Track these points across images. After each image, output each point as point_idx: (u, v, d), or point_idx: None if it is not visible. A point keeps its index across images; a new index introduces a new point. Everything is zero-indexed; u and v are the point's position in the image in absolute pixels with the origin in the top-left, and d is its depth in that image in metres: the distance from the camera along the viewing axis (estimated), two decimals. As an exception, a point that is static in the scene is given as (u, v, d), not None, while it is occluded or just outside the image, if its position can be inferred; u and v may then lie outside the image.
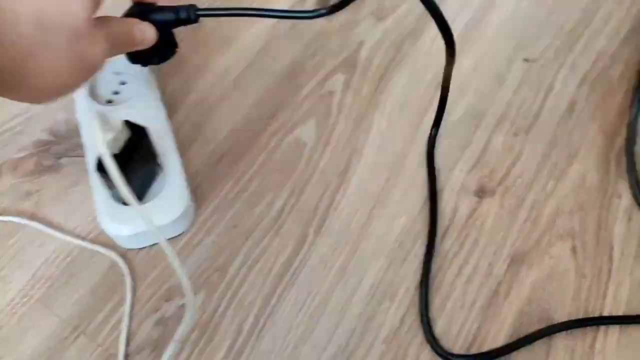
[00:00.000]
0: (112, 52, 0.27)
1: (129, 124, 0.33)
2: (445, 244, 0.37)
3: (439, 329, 0.34)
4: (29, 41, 0.22)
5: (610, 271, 0.36)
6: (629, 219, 0.39)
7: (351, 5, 0.48)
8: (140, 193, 0.35)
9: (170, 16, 0.31)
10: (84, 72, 0.25)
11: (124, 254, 0.36)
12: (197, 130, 0.41)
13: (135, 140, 0.33)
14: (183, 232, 0.37)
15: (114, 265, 0.36)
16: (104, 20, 0.26)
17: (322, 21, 0.48)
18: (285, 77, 0.44)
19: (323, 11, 0.44)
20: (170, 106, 0.42)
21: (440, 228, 0.38)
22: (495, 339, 0.34)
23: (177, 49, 0.34)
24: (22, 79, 0.23)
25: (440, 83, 0.38)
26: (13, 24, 0.21)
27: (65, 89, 0.25)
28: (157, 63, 0.34)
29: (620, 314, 0.35)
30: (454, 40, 0.33)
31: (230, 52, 0.46)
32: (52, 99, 0.25)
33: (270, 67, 0.45)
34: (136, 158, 0.33)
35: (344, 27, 0.47)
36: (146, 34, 0.29)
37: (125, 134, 0.32)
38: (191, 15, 0.31)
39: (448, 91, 0.39)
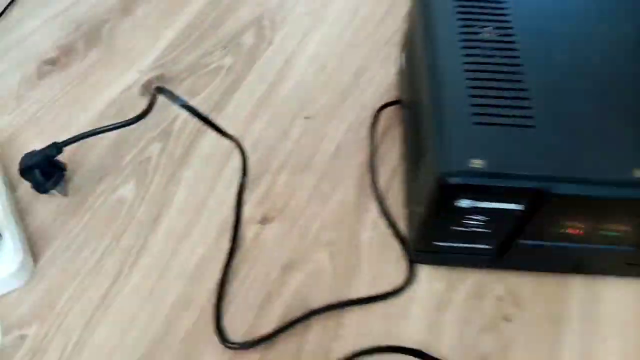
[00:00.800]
0: None
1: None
2: (235, 262, 0.48)
3: (225, 325, 0.45)
4: None
5: (357, 267, 0.49)
6: (374, 227, 0.51)
7: (169, 86, 0.61)
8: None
9: (43, 157, 0.48)
10: None
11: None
12: (36, 195, 0.51)
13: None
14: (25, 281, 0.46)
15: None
16: None
17: (144, 102, 0.60)
18: (112, 149, 0.56)
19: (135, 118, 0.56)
20: (11, 183, 0.52)
21: (232, 250, 0.49)
22: (268, 328, 0.45)
23: (65, 171, 0.51)
24: None
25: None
26: None
27: None
28: (53, 187, 0.49)
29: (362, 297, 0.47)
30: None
31: (63, 135, 0.56)
32: None
33: (99, 141, 0.56)
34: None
35: (162, 105, 0.59)
36: None
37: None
38: (57, 150, 0.48)
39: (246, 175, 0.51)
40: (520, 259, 0.47)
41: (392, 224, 0.51)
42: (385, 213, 0.52)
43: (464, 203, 0.40)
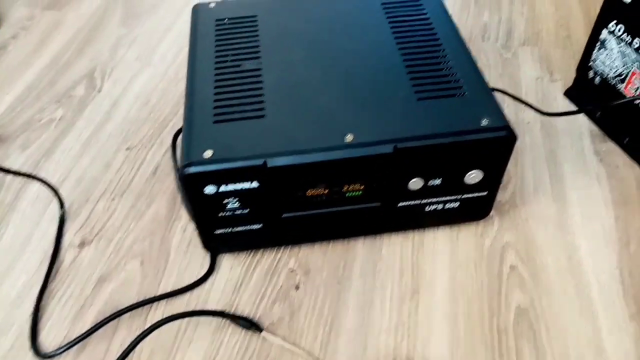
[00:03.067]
0: None
1: None
2: (52, 285, 0.53)
3: (42, 340, 0.50)
4: None
5: (166, 269, 0.55)
6: (184, 232, 0.58)
7: (5, 144, 0.67)
8: None
9: None
10: None
11: None
12: None
13: None
14: None
15: None
16: None
17: (-22, 162, 0.66)
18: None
19: None
20: None
21: (51, 276, 0.54)
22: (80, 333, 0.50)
23: None
24: None
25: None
26: None
27: None
28: None
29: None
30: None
31: None
32: None
33: None
34: None
35: (-4, 161, 0.65)
36: None
37: None
38: None
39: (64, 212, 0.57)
40: (295, 232, 0.54)
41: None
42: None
43: (209, 189, 0.46)
